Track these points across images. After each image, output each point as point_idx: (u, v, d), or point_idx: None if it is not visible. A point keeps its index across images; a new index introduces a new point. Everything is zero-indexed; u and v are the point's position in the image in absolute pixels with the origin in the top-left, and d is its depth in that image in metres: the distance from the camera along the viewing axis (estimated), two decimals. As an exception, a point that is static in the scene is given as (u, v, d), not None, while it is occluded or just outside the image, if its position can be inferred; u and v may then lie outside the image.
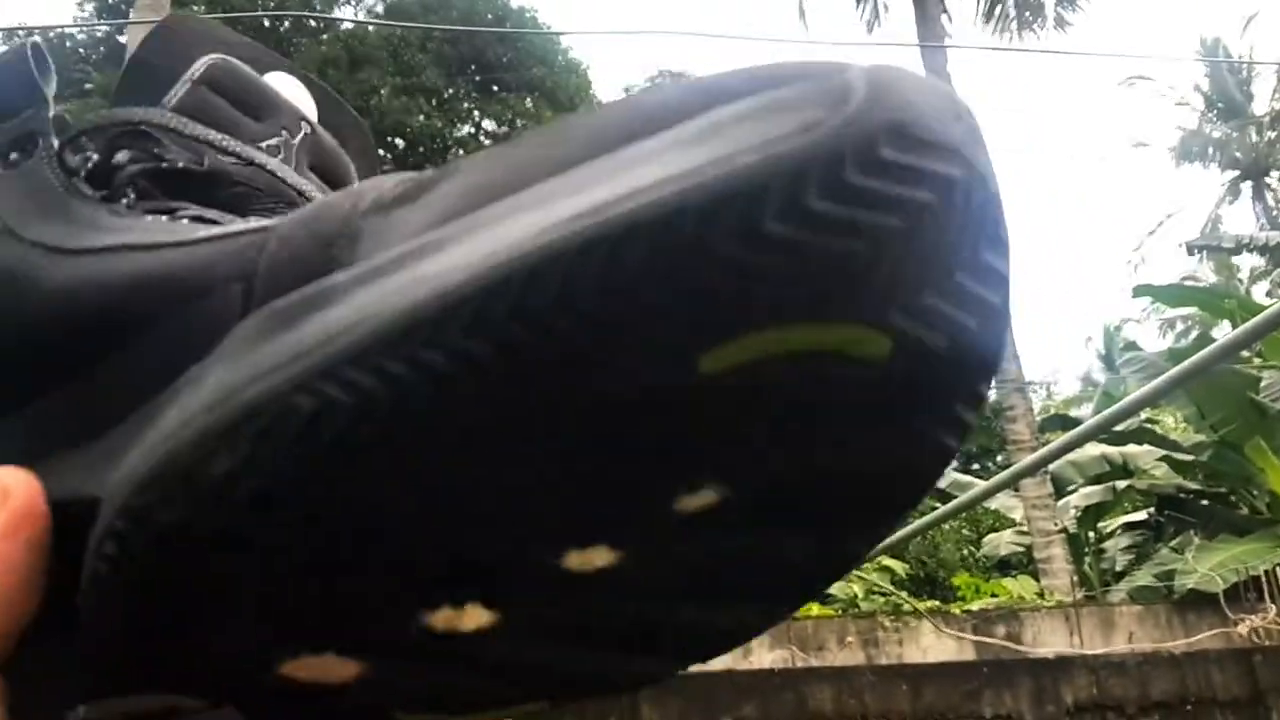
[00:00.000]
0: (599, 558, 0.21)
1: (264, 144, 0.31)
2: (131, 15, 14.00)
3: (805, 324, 0.18)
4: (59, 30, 16.71)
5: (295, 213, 0.25)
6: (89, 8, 16.87)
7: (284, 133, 0.32)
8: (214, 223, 0.26)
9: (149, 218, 0.27)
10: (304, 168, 0.32)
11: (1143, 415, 8.36)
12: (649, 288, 0.17)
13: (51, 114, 0.31)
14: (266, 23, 14.00)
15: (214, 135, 0.30)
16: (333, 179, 0.33)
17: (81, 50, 16.46)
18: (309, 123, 0.33)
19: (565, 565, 0.21)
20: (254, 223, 0.25)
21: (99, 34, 16.91)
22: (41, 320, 0.25)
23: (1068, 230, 56.43)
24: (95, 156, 0.29)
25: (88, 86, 15.13)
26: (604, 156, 0.18)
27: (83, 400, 0.24)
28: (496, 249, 0.17)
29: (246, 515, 0.19)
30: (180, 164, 0.29)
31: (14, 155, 0.29)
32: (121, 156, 0.29)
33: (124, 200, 0.28)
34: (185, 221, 0.27)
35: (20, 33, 16.13)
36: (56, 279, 0.25)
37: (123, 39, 16.06)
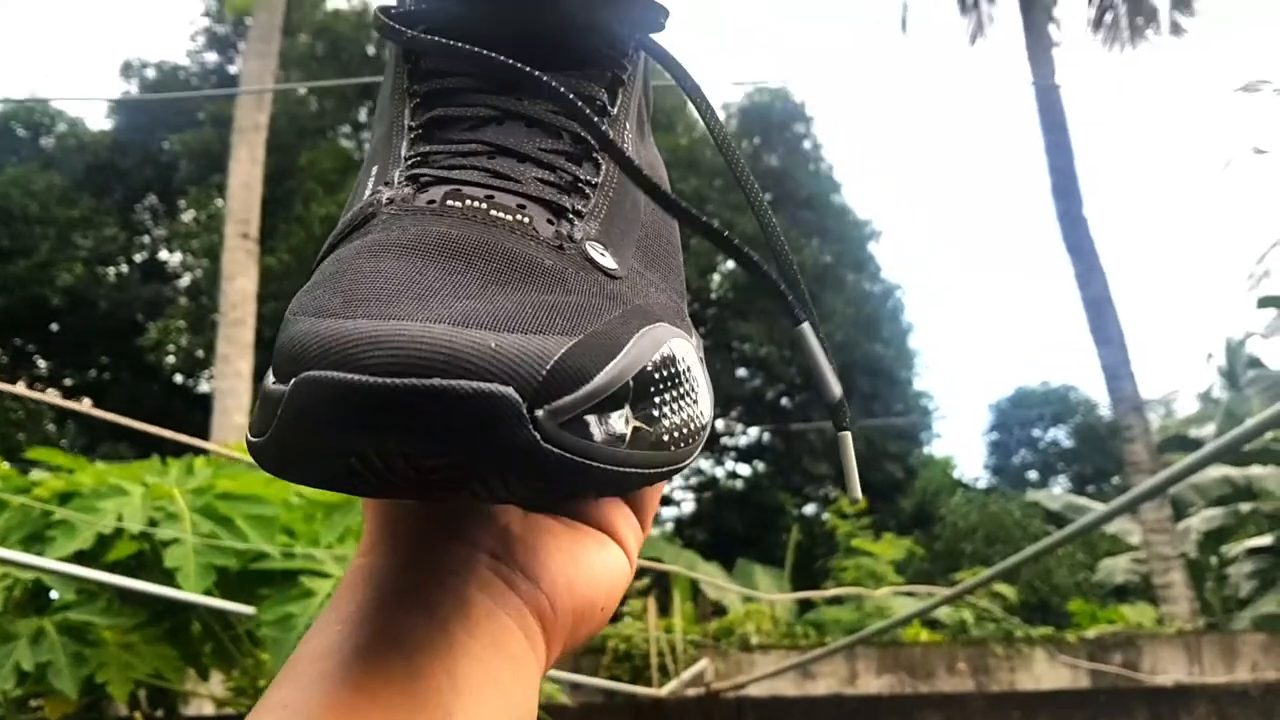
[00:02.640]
0: None
1: None
2: (242, 47, 14.63)
3: None
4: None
5: None
6: (200, 39, 17.50)
7: None
8: None
9: None
10: None
11: (1267, 435, 8.11)
12: None
13: None
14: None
15: None
16: None
17: (193, 81, 17.03)
18: None
19: None
20: None
21: (209, 64, 17.54)
22: None
23: (1186, 241, 54.44)
24: None
25: (200, 116, 15.81)
26: None
27: None
28: None
29: None
30: None
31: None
32: None
33: None
34: None
35: (136, 65, 16.87)
36: None
37: (232, 69, 16.77)
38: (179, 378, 15.82)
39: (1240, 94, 11.49)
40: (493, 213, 0.36)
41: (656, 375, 0.33)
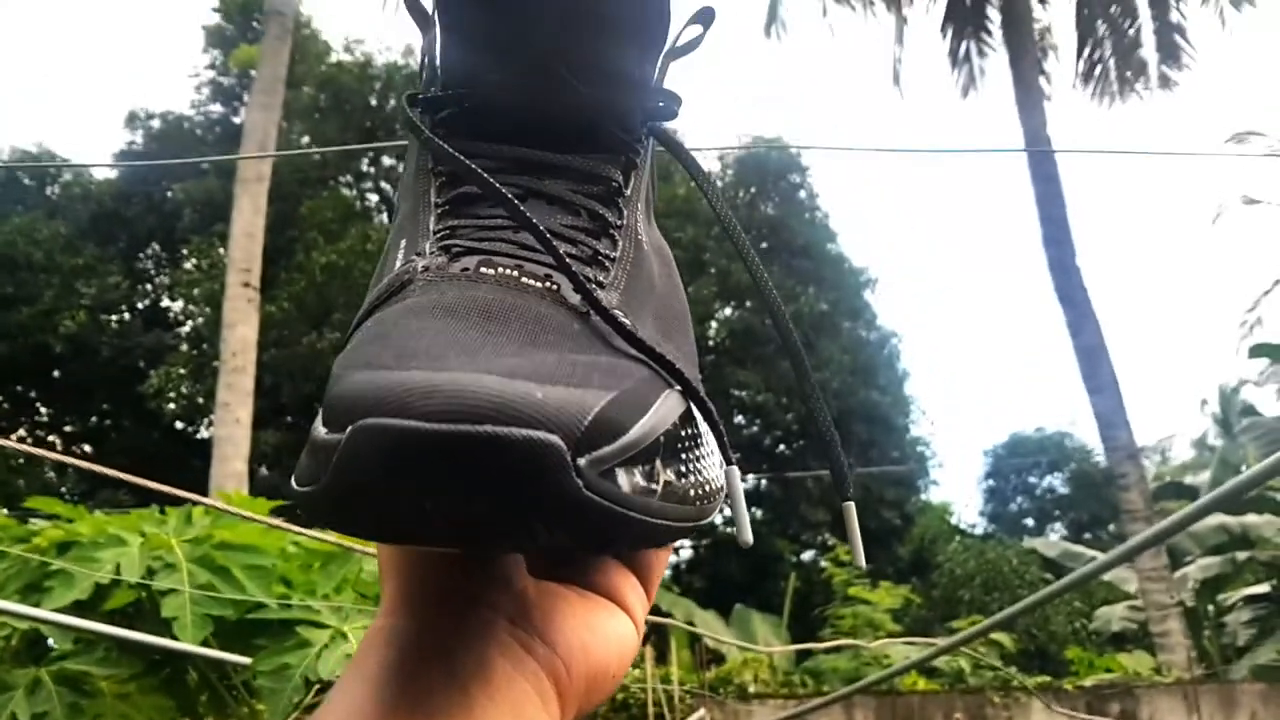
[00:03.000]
0: None
1: None
2: (246, 98, 14.78)
3: None
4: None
5: None
6: (205, 90, 17.67)
7: None
8: None
9: None
10: None
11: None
12: None
13: None
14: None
15: None
16: None
17: (198, 131, 17.16)
18: None
19: None
20: None
21: (213, 115, 17.69)
22: None
23: (1179, 289, 54.64)
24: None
25: (203, 166, 15.92)
26: None
27: None
28: None
29: None
30: None
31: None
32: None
33: None
34: None
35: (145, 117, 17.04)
36: None
37: (237, 120, 16.92)
38: (179, 424, 15.82)
39: (1230, 144, 11.61)
40: (524, 280, 0.38)
41: (683, 433, 0.36)
